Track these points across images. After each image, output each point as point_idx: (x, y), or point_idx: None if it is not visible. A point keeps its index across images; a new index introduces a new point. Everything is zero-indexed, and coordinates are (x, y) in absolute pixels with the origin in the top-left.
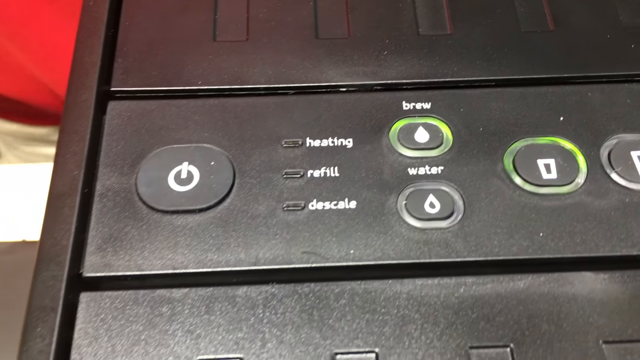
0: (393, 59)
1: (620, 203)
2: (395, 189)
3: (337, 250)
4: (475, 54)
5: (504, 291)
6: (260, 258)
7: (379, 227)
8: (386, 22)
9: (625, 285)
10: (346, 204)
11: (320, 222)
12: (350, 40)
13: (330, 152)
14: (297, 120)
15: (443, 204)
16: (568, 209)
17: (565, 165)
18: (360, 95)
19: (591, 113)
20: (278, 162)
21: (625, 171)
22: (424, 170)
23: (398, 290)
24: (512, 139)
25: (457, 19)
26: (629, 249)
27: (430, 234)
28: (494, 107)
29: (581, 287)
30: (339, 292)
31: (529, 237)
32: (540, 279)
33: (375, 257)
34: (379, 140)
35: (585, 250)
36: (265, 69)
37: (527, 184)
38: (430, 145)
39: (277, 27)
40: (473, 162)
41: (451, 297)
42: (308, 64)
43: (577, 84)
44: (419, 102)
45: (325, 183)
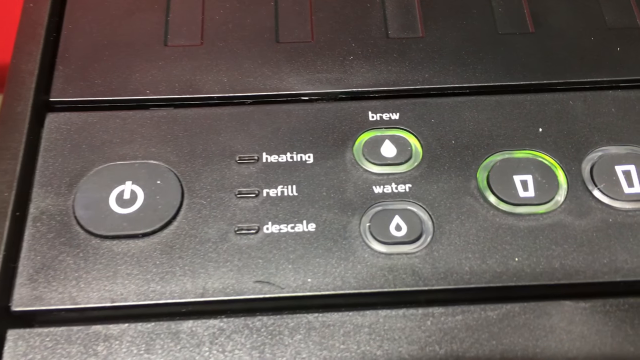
0: (359, 65)
1: (603, 223)
2: (359, 209)
3: (293, 279)
4: (448, 58)
5: (475, 323)
6: (209, 288)
7: (340, 252)
8: (353, 23)
9: (608, 315)
10: (304, 226)
11: (276, 247)
12: (314, 44)
13: (289, 169)
14: (253, 134)
15: (410, 226)
16: (546, 231)
17: (543, 182)
18: (323, 105)
19: (572, 123)
20: (231, 180)
21: (608, 188)
22: (390, 189)
23: (359, 324)
24: (486, 153)
25: (430, 21)
26: (612, 275)
27: (395, 260)
28: (468, 118)
29: (560, 318)
30: (294, 325)
31: (503, 262)
32: (515, 309)
33: (335, 287)
34: (342, 155)
35: (565, 277)
36: (220, 77)
37: (502, 203)
38: (398, 160)
39: (234, 30)
40: (444, 179)
41: (417, 330)
42: (267, 70)
43: (558, 91)
44: (387, 112)
45: (282, 203)
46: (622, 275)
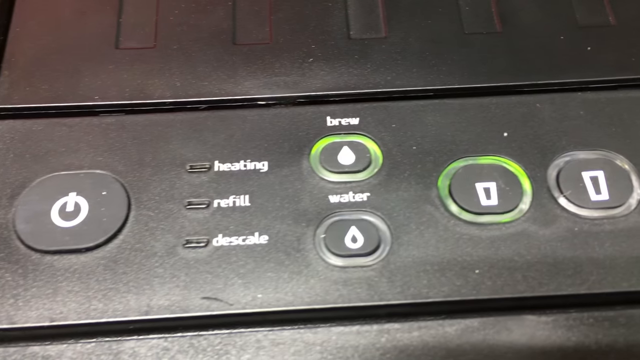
0: (319, 67)
1: (568, 233)
2: (314, 220)
3: (243, 295)
4: (411, 60)
5: (432, 340)
6: (153, 306)
7: (293, 265)
8: (314, 24)
9: (572, 330)
10: (256, 238)
11: (225, 261)
12: (272, 45)
13: (242, 178)
14: (205, 141)
15: (367, 238)
16: (509, 241)
17: (507, 190)
18: (279, 110)
19: (539, 127)
20: (181, 190)
21: (574, 195)
22: (347, 198)
23: (310, 341)
24: (448, 159)
25: (394, 20)
26: (576, 287)
27: (350, 273)
28: (430, 122)
29: (521, 332)
30: (242, 344)
31: (463, 275)
32: (474, 324)
33: (286, 302)
34: (298, 163)
35: (527, 289)
36: (173, 81)
37: (464, 212)
38: (356, 167)
39: (189, 32)
40: (403, 188)
41: (371, 348)
42: (222, 74)
43: (525, 93)
44: (346, 117)
45: (234, 214)
46: (587, 288)
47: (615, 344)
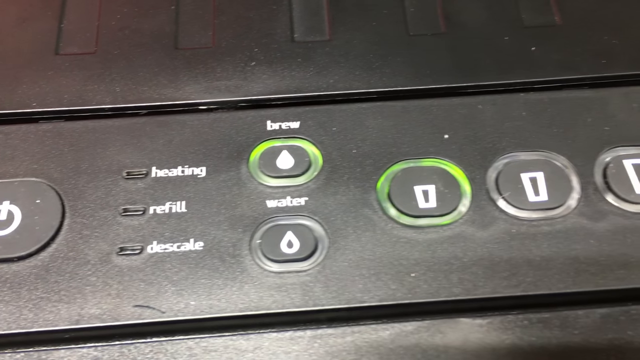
0: (261, 71)
1: (505, 234)
2: (250, 225)
3: (175, 302)
4: (355, 62)
5: (365, 344)
6: (84, 315)
7: (228, 272)
8: (258, 27)
9: (506, 332)
10: (191, 245)
11: (159, 269)
12: (215, 49)
13: (179, 184)
14: (143, 147)
15: (303, 242)
16: (446, 243)
17: (446, 192)
18: (219, 115)
19: (480, 129)
20: (117, 197)
21: (513, 197)
22: (285, 203)
23: (243, 348)
24: (388, 162)
25: (339, 22)
26: (512, 289)
27: (286, 279)
28: (372, 125)
29: (455, 336)
30: (173, 352)
31: (399, 278)
32: (408, 328)
33: (220, 309)
34: (237, 168)
35: (462, 292)
36: (113, 86)
37: (402, 216)
38: (295, 172)
39: (131, 37)
40: (342, 192)
41: (304, 354)
42: (163, 79)
43: (468, 95)
44: (287, 120)
45: (169, 221)
46: (522, 289)
47: (548, 346)
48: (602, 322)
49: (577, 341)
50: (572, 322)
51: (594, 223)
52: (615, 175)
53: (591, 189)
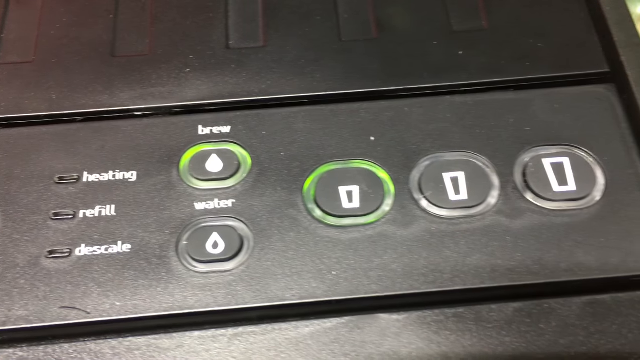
0: (195, 77)
1: (425, 233)
2: (178, 227)
3: (101, 303)
4: (287, 68)
5: (285, 341)
6: (11, 316)
7: (154, 273)
8: (194, 34)
9: (422, 327)
10: (119, 247)
11: (87, 270)
12: (150, 57)
13: (109, 188)
14: (76, 152)
15: (228, 243)
16: (367, 242)
17: (370, 193)
18: (152, 121)
19: (406, 131)
20: (48, 202)
21: (434, 196)
22: (212, 205)
23: (165, 347)
24: (315, 164)
25: (273, 29)
26: (429, 285)
27: (211, 279)
28: (301, 129)
29: (372, 331)
30: (97, 351)
31: (320, 276)
32: (327, 325)
33: (144, 309)
34: (168, 172)
35: (381, 289)
36: (50, 94)
37: (327, 216)
38: (224, 175)
39: (69, 45)
40: (269, 193)
41: (224, 352)
42: (99, 86)
43: (396, 98)
44: (218, 125)
45: (99, 224)
46: (438, 286)
47: (463, 339)
48: (514, 316)
49: (491, 335)
50: (486, 317)
51: (511, 220)
52: (534, 174)
53: (510, 188)
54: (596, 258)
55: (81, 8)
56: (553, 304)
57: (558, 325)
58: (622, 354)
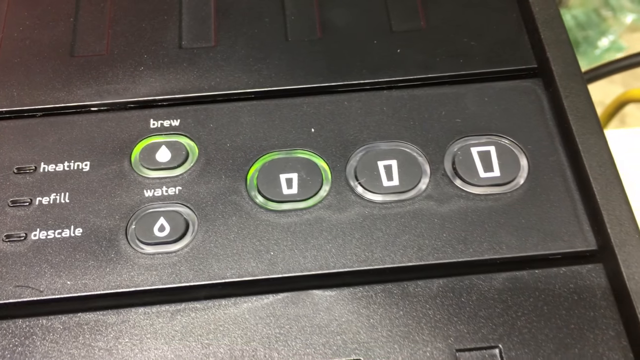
0: (149, 75)
1: (358, 216)
2: (127, 213)
3: (53, 282)
4: (236, 66)
5: (224, 315)
6: None
7: (103, 254)
8: (149, 35)
9: (353, 302)
10: (71, 231)
11: (41, 253)
12: (107, 56)
13: (64, 177)
14: (34, 145)
15: (173, 227)
16: (304, 225)
17: (308, 180)
18: (106, 115)
19: (344, 123)
20: (6, 190)
21: (369, 182)
22: (160, 192)
23: (112, 322)
24: (258, 154)
25: (224, 30)
26: (360, 263)
27: (157, 260)
28: (246, 122)
29: (306, 306)
30: (49, 326)
31: (258, 257)
32: (264, 301)
33: (93, 288)
34: (120, 162)
35: (315, 267)
36: (11, 91)
37: (268, 202)
38: (172, 164)
39: (30, 46)
40: (214, 181)
41: (167, 326)
42: (58, 84)
43: (337, 93)
44: (168, 119)
45: (53, 210)
46: (369, 264)
47: (389, 313)
48: (438, 291)
49: (417, 309)
50: (412, 292)
51: (440, 204)
52: (462, 162)
53: (440, 174)
54: (517, 238)
55: (43, 12)
56: (475, 279)
57: (478, 299)
58: (537, 325)
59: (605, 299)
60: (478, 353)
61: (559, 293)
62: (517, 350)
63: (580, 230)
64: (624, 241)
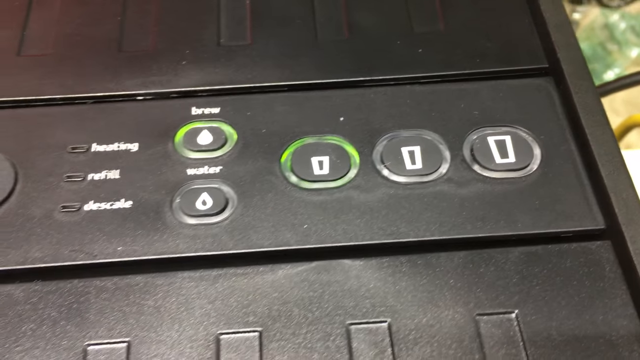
0: (190, 68)
1: (384, 195)
2: (173, 188)
3: (105, 248)
4: (270, 61)
5: (260, 279)
6: (29, 257)
7: (151, 224)
8: (190, 34)
9: (380, 270)
10: (122, 203)
11: (94, 222)
12: (152, 52)
13: (114, 156)
14: (86, 128)
15: (215, 201)
16: (335, 202)
17: (338, 162)
18: (152, 103)
19: (370, 113)
20: (62, 167)
21: (394, 165)
22: (202, 171)
23: (159, 283)
24: (291, 139)
25: (259, 30)
26: (387, 237)
27: (199, 230)
28: (280, 111)
29: (337, 273)
30: (101, 287)
31: (294, 229)
32: (298, 268)
33: (142, 253)
34: (164, 144)
35: (345, 239)
36: (66, 81)
37: (301, 181)
38: (212, 147)
39: (82, 42)
40: (251, 162)
41: (210, 288)
42: (107, 75)
43: (363, 87)
44: (208, 107)
45: (105, 185)
46: (395, 237)
47: (413, 280)
48: (459, 262)
49: (440, 277)
50: (435, 263)
51: (459, 186)
52: (480, 149)
53: (459, 160)
54: (531, 217)
55: (93, 11)
56: (492, 253)
57: (496, 270)
58: (551, 294)
59: (614, 272)
60: (496, 317)
61: (571, 266)
62: (532, 315)
63: (589, 211)
64: (630, 220)
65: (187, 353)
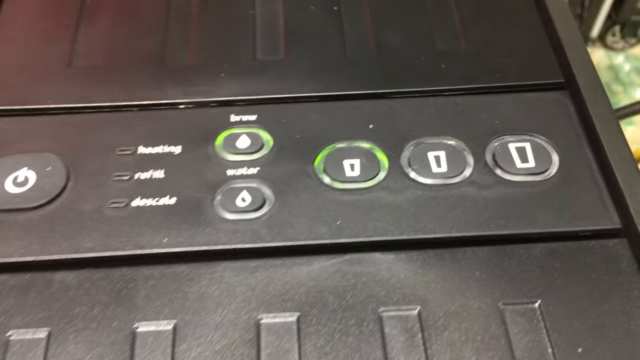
0: (228, 80)
1: (412, 196)
2: (214, 187)
3: (152, 239)
4: (302, 74)
5: (297, 270)
6: (80, 247)
7: (194, 219)
8: (228, 49)
9: (409, 263)
10: (167, 200)
11: (141, 217)
12: (193, 65)
13: (159, 158)
14: (133, 132)
15: (254, 199)
16: (366, 201)
17: (368, 165)
18: (194, 111)
19: (398, 121)
20: (110, 167)
21: (420, 169)
22: (241, 172)
23: (202, 272)
24: (324, 144)
25: (292, 45)
26: (416, 232)
27: (239, 224)
28: (313, 119)
29: (369, 265)
30: (148, 274)
31: (327, 224)
32: (332, 260)
33: (187, 244)
34: (206, 148)
35: (375, 234)
36: (113, 90)
37: (334, 182)
38: (250, 150)
39: (129, 55)
40: (287, 164)
41: (250, 277)
42: (151, 85)
43: (390, 98)
44: (246, 114)
45: (151, 183)
46: (423, 233)
47: (440, 272)
48: (484, 257)
49: (466, 270)
50: (461, 257)
51: (482, 188)
52: (501, 155)
53: (482, 165)
54: (550, 217)
55: (139, 27)
56: (515, 248)
57: (519, 264)
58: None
59: (630, 267)
60: (520, 306)
61: (590, 261)
62: (554, 305)
63: (606, 211)
64: None
65: (230, 335)
